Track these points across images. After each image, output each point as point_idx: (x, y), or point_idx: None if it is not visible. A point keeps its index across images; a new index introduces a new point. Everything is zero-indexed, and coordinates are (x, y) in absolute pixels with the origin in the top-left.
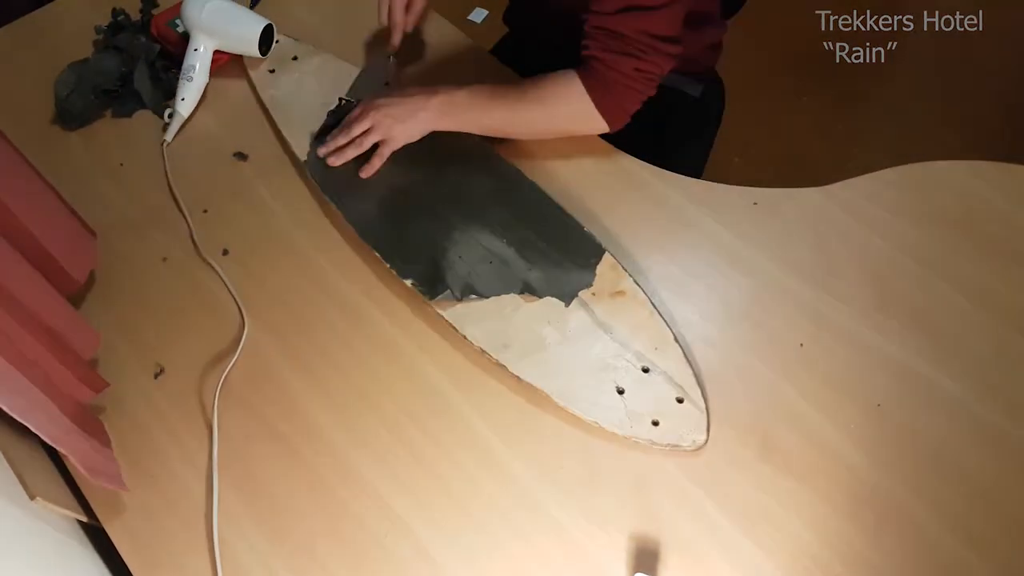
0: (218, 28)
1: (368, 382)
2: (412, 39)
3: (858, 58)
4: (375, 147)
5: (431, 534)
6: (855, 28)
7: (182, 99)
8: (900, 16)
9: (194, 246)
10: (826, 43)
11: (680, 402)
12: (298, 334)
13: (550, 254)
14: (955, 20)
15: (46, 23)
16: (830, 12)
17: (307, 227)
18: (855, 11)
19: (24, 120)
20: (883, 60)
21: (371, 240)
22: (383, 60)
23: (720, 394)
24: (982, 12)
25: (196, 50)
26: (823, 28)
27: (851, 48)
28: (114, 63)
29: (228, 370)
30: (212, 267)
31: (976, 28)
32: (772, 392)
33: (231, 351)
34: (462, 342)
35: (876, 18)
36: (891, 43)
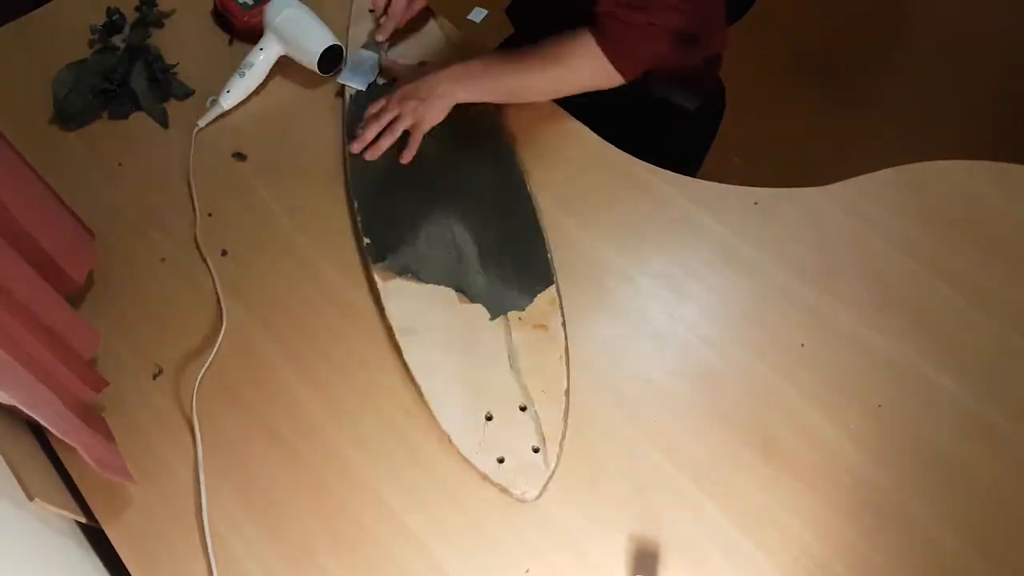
0: (288, 36)
1: (368, 382)
2: (412, 38)
3: (858, 58)
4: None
5: (428, 531)
6: (855, 28)
7: (227, 91)
8: (901, 16)
9: (194, 246)
10: (826, 43)
11: (535, 451)
12: (298, 334)
13: (505, 266)
14: (955, 20)
15: (45, 23)
16: (830, 12)
17: (307, 228)
18: (855, 11)
19: (23, 120)
20: (883, 60)
21: (357, 192)
22: (372, 50)
23: (720, 394)
24: (982, 13)
25: (261, 49)
26: (823, 28)
27: (851, 48)
28: (112, 63)
29: (205, 369)
30: (207, 267)
31: (976, 28)
32: (772, 392)
33: (224, 351)
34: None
35: (876, 18)
36: (891, 43)
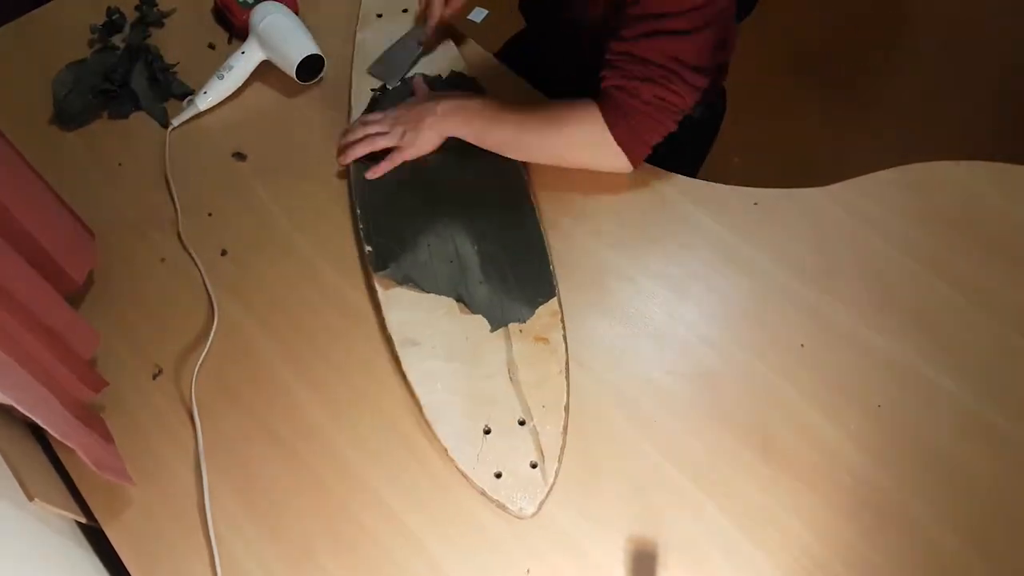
0: (269, 41)
1: (367, 383)
2: (439, 50)
3: (859, 58)
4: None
5: (428, 531)
6: (856, 28)
7: (204, 92)
8: (901, 16)
9: (187, 245)
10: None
11: (533, 467)
12: (297, 335)
13: (507, 278)
14: (955, 20)
15: (45, 23)
16: (831, 12)
17: (306, 228)
18: (856, 11)
19: (23, 120)
20: (883, 60)
21: (360, 200)
22: (412, 44)
23: (720, 394)
24: (982, 13)
25: (242, 53)
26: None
27: (852, 48)
28: (112, 63)
29: (199, 364)
30: (198, 267)
31: (976, 28)
32: (772, 392)
33: (223, 351)
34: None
35: (877, 18)
36: (891, 43)
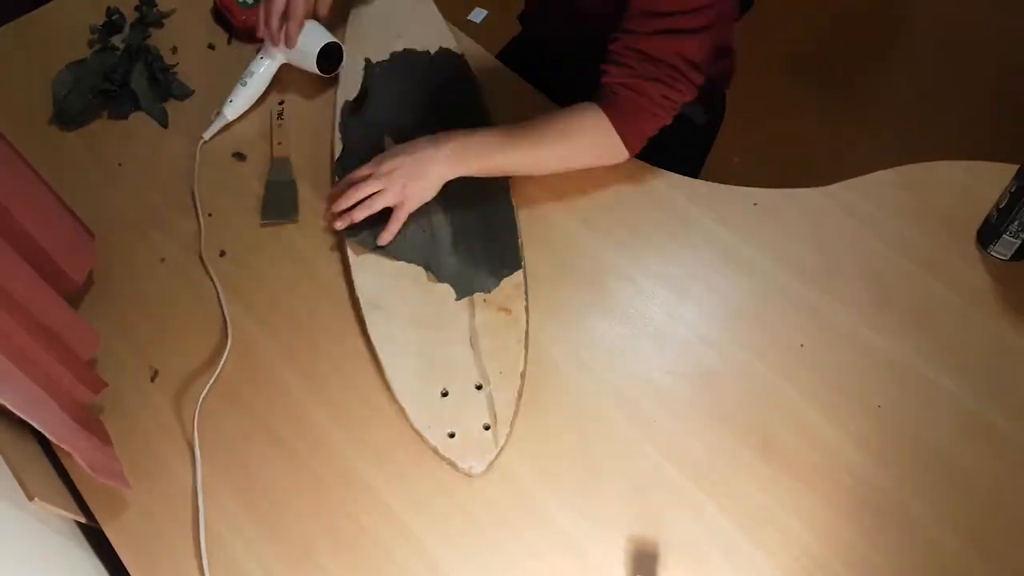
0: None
1: (368, 383)
2: (410, 38)
3: (857, 58)
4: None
5: (428, 531)
6: (854, 28)
7: (230, 101)
8: (899, 16)
9: (196, 250)
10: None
11: (486, 429)
12: (297, 335)
13: (476, 250)
14: (953, 20)
15: (45, 23)
16: (829, 12)
17: (306, 228)
18: (854, 11)
19: (23, 120)
20: (882, 60)
21: (340, 169)
22: (286, 176)
23: (720, 394)
24: (980, 13)
25: (262, 58)
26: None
27: (850, 48)
28: (112, 63)
29: (212, 380)
30: (206, 269)
31: (974, 28)
32: (772, 392)
33: (222, 351)
34: None
35: (875, 18)
36: (889, 43)
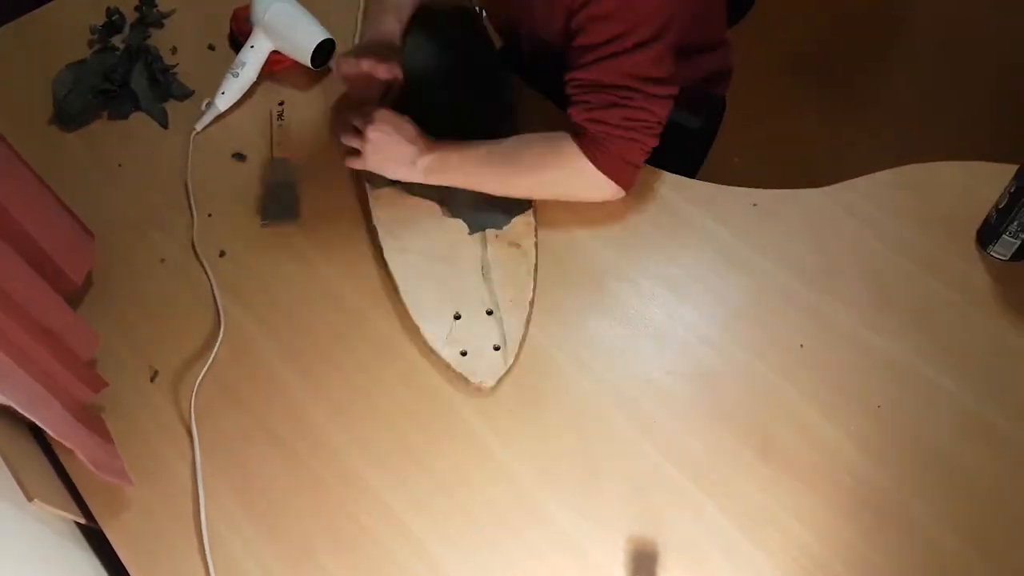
0: (278, 31)
1: (368, 383)
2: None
3: (857, 58)
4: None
5: (428, 531)
6: (853, 28)
7: (222, 92)
8: (898, 16)
9: (192, 247)
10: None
11: (496, 349)
12: (296, 334)
13: None
14: (953, 20)
15: (45, 23)
16: (828, 12)
17: (306, 228)
18: (853, 11)
19: (23, 120)
20: (881, 60)
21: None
22: (287, 176)
23: (720, 394)
24: (980, 13)
25: (251, 47)
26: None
27: (850, 48)
28: (112, 63)
29: (204, 372)
30: (205, 270)
31: (974, 28)
32: (772, 392)
33: (223, 351)
34: None
35: (874, 18)
36: (889, 43)
